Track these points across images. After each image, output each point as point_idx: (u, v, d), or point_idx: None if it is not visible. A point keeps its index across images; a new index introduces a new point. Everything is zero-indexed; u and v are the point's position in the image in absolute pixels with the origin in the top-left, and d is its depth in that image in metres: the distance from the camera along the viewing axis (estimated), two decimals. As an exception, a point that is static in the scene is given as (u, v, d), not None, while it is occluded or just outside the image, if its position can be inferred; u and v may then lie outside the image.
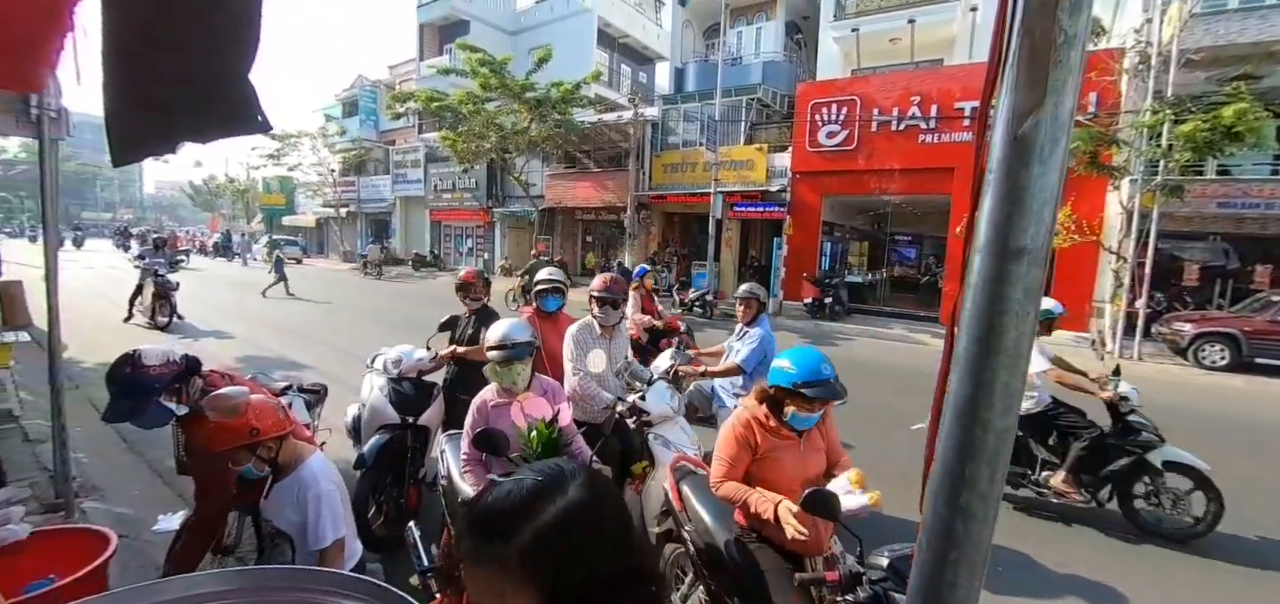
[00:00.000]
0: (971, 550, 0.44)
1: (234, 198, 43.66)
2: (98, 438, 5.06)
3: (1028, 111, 0.40)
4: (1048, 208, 0.40)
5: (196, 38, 1.36)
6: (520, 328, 2.41)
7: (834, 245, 18.06)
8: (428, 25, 26.77)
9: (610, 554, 0.69)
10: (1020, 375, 0.42)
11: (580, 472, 0.73)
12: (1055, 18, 0.37)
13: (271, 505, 1.72)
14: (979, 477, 0.43)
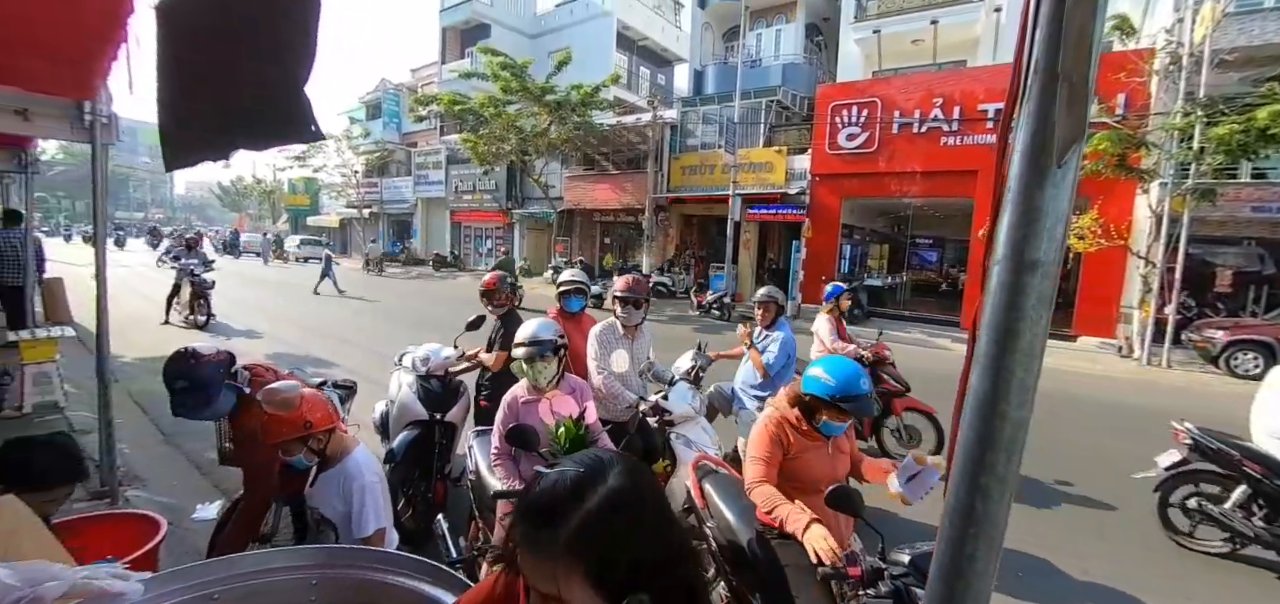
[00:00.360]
0: (990, 528, 0.49)
1: (260, 198, 44.69)
2: (137, 430, 5.27)
3: (1069, 143, 0.45)
4: (1059, 226, 0.46)
5: (255, 55, 1.45)
6: (547, 327, 2.49)
7: (853, 248, 17.94)
8: (450, 29, 27.18)
9: (651, 536, 0.75)
10: (1034, 373, 0.48)
11: (619, 461, 0.79)
12: (1088, 57, 0.43)
13: (318, 494, 1.82)
14: (997, 462, 0.48)
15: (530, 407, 2.39)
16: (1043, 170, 0.45)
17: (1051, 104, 0.44)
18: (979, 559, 0.50)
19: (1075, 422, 6.73)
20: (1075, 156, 0.44)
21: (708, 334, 10.60)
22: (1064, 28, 0.43)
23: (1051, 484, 4.82)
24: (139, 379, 6.83)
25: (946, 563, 0.51)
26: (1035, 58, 0.45)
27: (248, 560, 1.01)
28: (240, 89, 1.57)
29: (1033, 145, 0.46)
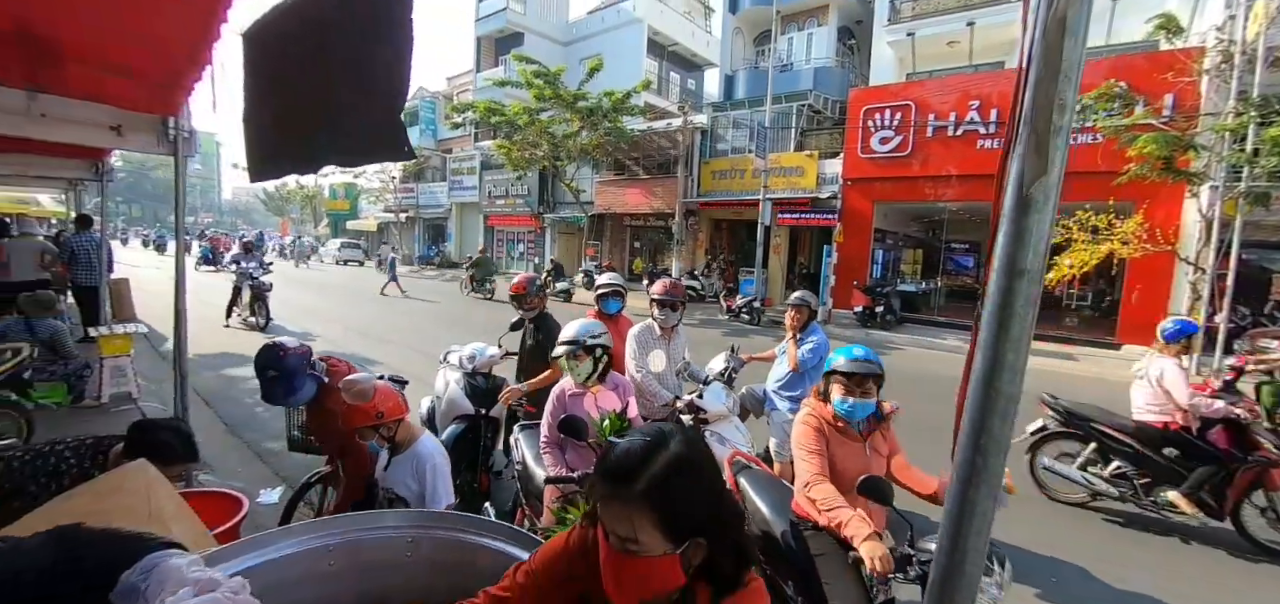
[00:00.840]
0: (988, 479, 0.63)
1: (302, 203, 46.41)
2: (202, 421, 5.64)
3: (1034, 177, 0.58)
4: (1042, 242, 0.59)
5: (353, 79, 1.64)
6: (588, 328, 2.65)
7: (886, 253, 17.72)
8: (484, 38, 27.86)
9: (706, 494, 0.94)
10: (1023, 356, 0.61)
11: (679, 433, 0.97)
12: (1050, 116, 0.56)
13: (391, 476, 2.02)
14: (993, 426, 0.62)
15: (577, 400, 2.57)
16: (1027, 200, 0.58)
17: (1027, 146, 0.57)
18: (979, 505, 0.63)
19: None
20: (1042, 189, 0.57)
21: (738, 338, 10.67)
22: (1034, 92, 0.56)
23: (1089, 492, 4.77)
24: (200, 374, 7.27)
25: (955, 509, 0.65)
26: (1021, 112, 0.59)
27: (360, 519, 1.19)
28: (333, 110, 1.76)
29: (1018, 181, 0.59)
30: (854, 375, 2.21)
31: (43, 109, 3.14)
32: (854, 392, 2.21)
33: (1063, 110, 0.56)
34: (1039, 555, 3.70)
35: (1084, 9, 0.55)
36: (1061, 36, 0.55)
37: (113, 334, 5.87)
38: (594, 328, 2.68)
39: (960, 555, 0.64)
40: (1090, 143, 11.83)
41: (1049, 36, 0.56)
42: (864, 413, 2.24)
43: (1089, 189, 11.39)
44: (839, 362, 2.27)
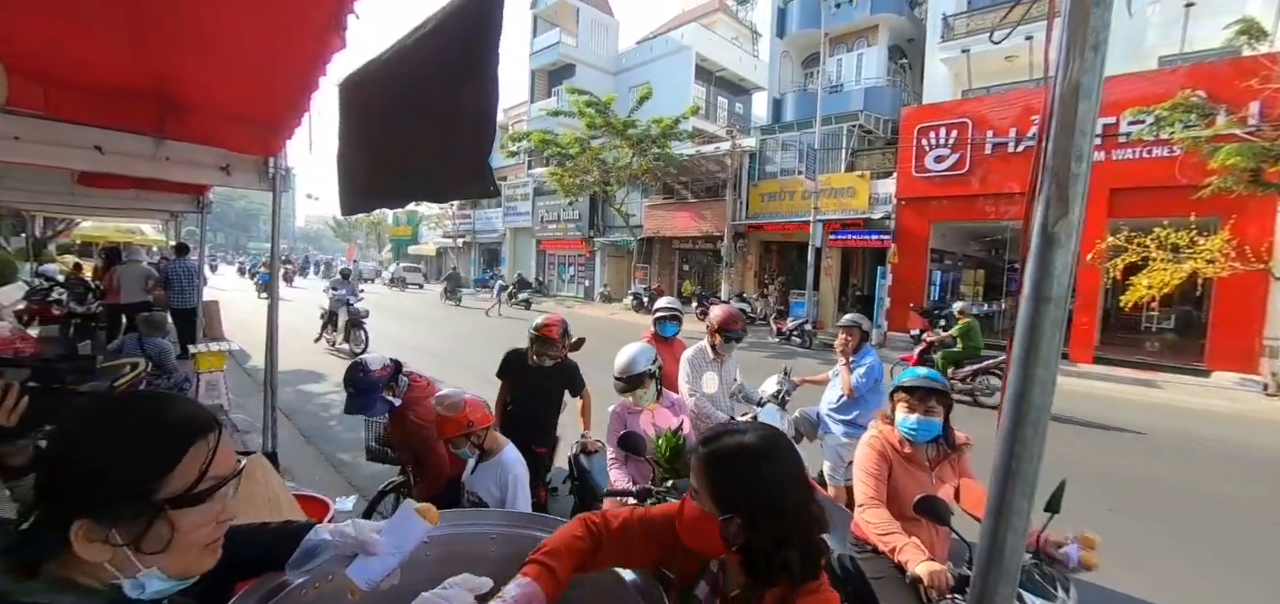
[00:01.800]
0: (1024, 481, 0.71)
1: (368, 230, 49.13)
2: (282, 432, 6.09)
3: (1057, 218, 0.68)
4: (1065, 272, 0.68)
5: (442, 126, 1.85)
6: (645, 354, 2.78)
7: (944, 274, 17.14)
8: (538, 71, 29.02)
9: (756, 480, 1.06)
10: (1052, 372, 0.69)
11: (761, 429, 1.14)
12: (1069, 166, 0.65)
13: (476, 481, 2.21)
14: (1026, 434, 0.70)
15: (635, 416, 2.70)
16: (1050, 236, 0.68)
17: (1050, 192, 0.66)
18: (1016, 501, 0.71)
19: (1207, 466, 6.13)
20: (1065, 228, 0.66)
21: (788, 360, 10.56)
22: (1053, 145, 0.66)
23: (1172, 531, 4.49)
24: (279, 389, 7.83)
25: (995, 507, 0.73)
26: (1044, 161, 0.68)
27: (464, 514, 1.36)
28: (422, 152, 1.98)
29: (1043, 219, 0.68)
30: (917, 390, 2.20)
31: (167, 153, 3.57)
32: (917, 408, 2.18)
33: (1080, 160, 0.65)
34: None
35: (1097, 75, 0.64)
36: (1076, 99, 0.64)
37: (208, 351, 6.44)
38: (649, 353, 2.81)
39: (999, 550, 0.72)
40: (1166, 156, 11.19)
41: (1065, 99, 0.65)
42: (929, 433, 2.20)
43: (1167, 204, 10.75)
44: (903, 378, 2.28)
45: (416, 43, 2.05)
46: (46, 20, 2.10)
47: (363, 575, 1.07)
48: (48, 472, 0.75)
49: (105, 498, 0.72)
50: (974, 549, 2.01)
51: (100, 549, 0.71)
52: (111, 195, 6.05)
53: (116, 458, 0.74)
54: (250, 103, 3.29)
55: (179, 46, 2.36)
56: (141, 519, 0.73)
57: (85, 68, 2.58)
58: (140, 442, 0.75)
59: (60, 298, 8.67)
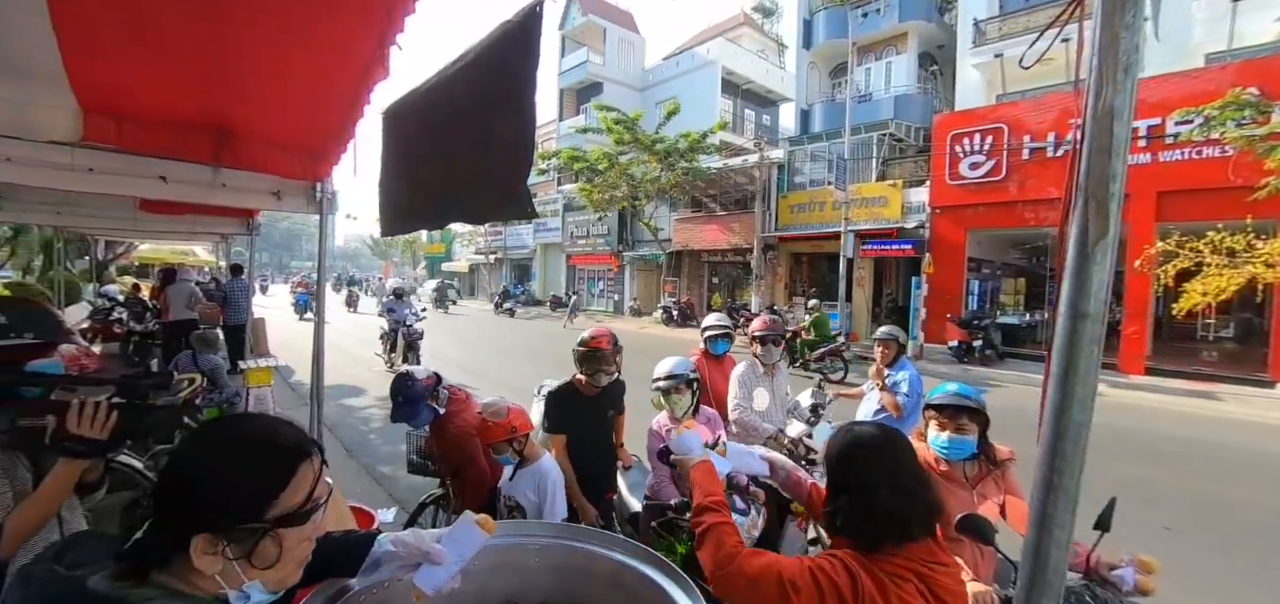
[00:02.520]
0: (1065, 496, 0.72)
1: (403, 248, 50.49)
2: (326, 446, 6.32)
3: (1097, 239, 0.69)
4: (1102, 289, 0.69)
5: (482, 150, 1.93)
6: (682, 364, 2.82)
7: (982, 283, 16.66)
8: (567, 89, 29.54)
9: (873, 477, 1.18)
10: (1091, 388, 0.70)
11: (875, 429, 1.28)
12: (1107, 186, 0.67)
13: (515, 486, 2.29)
14: (1066, 448, 0.71)
15: (670, 432, 2.73)
16: (1087, 255, 0.69)
17: (1087, 212, 0.68)
18: (1058, 515, 0.72)
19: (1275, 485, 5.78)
20: (1103, 248, 0.68)
21: (820, 374, 10.40)
22: (1089, 165, 0.67)
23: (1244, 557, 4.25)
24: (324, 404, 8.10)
25: (1037, 521, 0.74)
26: (1079, 181, 0.70)
27: (510, 526, 1.42)
28: (462, 175, 2.07)
29: (1079, 237, 0.70)
30: (946, 408, 2.15)
31: (224, 180, 3.79)
32: (947, 426, 2.13)
33: (1114, 179, 0.67)
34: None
35: (1128, 98, 0.66)
36: (1110, 121, 0.66)
37: (257, 367, 6.71)
38: (688, 363, 2.85)
39: (1042, 565, 0.73)
40: (1218, 156, 10.71)
41: (1100, 121, 0.67)
42: (963, 452, 2.13)
43: (1220, 207, 10.27)
44: (934, 397, 2.23)
45: (456, 73, 2.15)
46: (124, 69, 2.27)
47: (429, 582, 1.16)
48: (172, 488, 0.81)
49: (226, 515, 0.79)
50: (1018, 569, 1.97)
51: (213, 561, 0.78)
52: (169, 220, 6.39)
53: (238, 479, 0.81)
54: (300, 132, 3.48)
55: (238, 85, 2.53)
56: (253, 536, 0.80)
57: (153, 106, 2.77)
58: (258, 465, 0.83)
59: (121, 317, 9.17)
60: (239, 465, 0.82)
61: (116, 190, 3.59)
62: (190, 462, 0.83)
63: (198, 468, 0.81)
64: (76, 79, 2.42)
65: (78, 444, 1.36)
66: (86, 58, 2.22)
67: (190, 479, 0.80)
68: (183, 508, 0.79)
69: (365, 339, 13.89)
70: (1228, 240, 9.40)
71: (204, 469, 0.81)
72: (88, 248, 14.89)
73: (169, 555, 0.79)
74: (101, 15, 1.87)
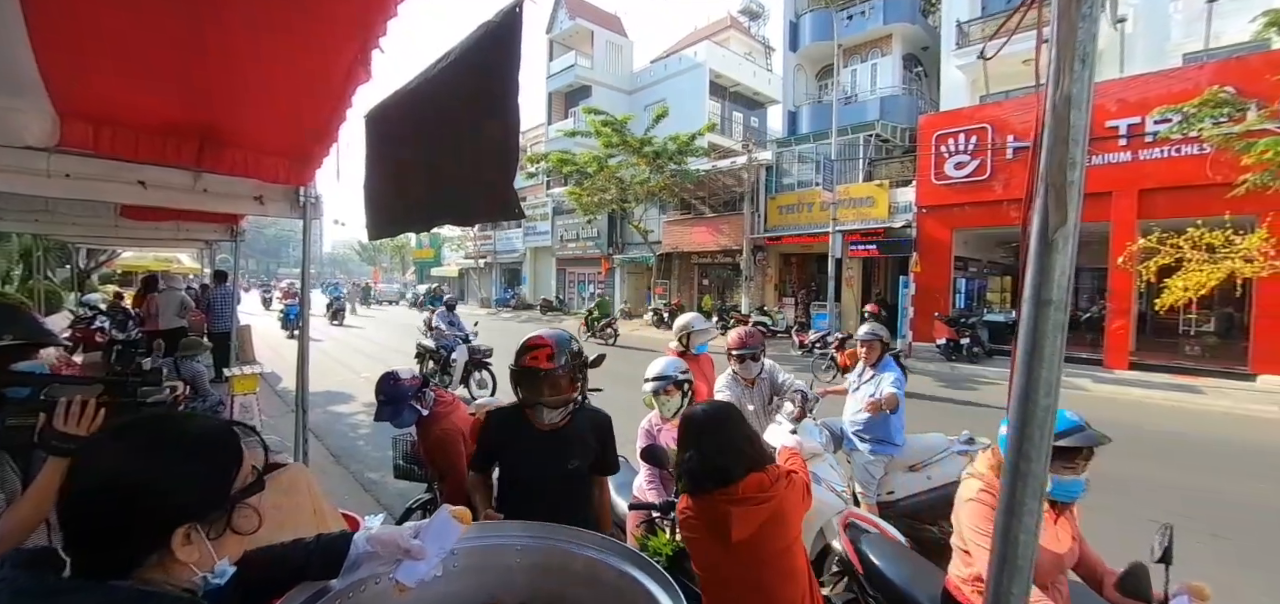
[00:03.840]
0: (1033, 481, 0.73)
1: (392, 253, 50.15)
2: (312, 453, 6.25)
3: (1057, 226, 0.70)
4: (1064, 276, 0.70)
5: (468, 151, 1.92)
6: (673, 365, 2.82)
7: (969, 282, 16.84)
8: (555, 93, 29.52)
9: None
10: (1056, 372, 0.71)
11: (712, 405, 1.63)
12: (1065, 174, 0.68)
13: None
14: (1033, 434, 0.72)
15: (659, 432, 2.74)
16: (1049, 242, 0.70)
17: (1047, 200, 0.69)
18: (1027, 502, 0.73)
19: (1259, 476, 5.87)
20: (1063, 234, 0.69)
21: (809, 373, 10.46)
22: (1048, 155, 0.69)
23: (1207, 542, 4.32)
24: (309, 411, 8.03)
25: (1005, 506, 0.75)
26: (1040, 171, 0.71)
27: (489, 526, 1.41)
28: (447, 177, 2.06)
29: (1041, 226, 0.71)
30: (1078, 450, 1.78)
31: (205, 185, 3.75)
32: (1080, 467, 1.79)
33: (1073, 167, 0.68)
34: None
35: (1086, 87, 0.67)
36: (1068, 110, 0.67)
37: (242, 374, 6.64)
38: (680, 364, 2.85)
39: (1012, 545, 0.74)
40: (1197, 154, 10.91)
41: (1058, 111, 0.68)
42: (1077, 493, 1.81)
43: (1199, 204, 10.47)
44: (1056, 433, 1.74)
45: (439, 74, 2.14)
46: (101, 72, 2.25)
47: (410, 575, 1.17)
48: (129, 496, 0.81)
49: (201, 505, 0.84)
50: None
51: (192, 550, 0.83)
52: (151, 227, 6.31)
53: (205, 471, 0.87)
54: (282, 135, 3.44)
55: (218, 89, 2.50)
56: (221, 517, 0.87)
57: (132, 110, 2.73)
58: (216, 453, 0.89)
59: (103, 325, 9.03)
60: (202, 458, 0.87)
61: (95, 196, 3.54)
62: (146, 469, 0.83)
63: (160, 472, 0.83)
64: (52, 83, 2.39)
65: (66, 442, 1.34)
66: (62, 61, 2.18)
67: (153, 484, 0.82)
68: (155, 514, 0.81)
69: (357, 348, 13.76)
70: (1207, 236, 9.57)
71: (167, 472, 0.83)
72: (69, 256, 14.67)
73: (140, 558, 0.80)
74: (78, 17, 1.85)
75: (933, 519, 3.85)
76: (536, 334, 1.98)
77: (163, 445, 0.87)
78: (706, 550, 1.73)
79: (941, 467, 3.74)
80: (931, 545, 3.55)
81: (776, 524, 1.66)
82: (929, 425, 4.82)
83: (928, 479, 3.72)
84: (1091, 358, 12.82)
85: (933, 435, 4.00)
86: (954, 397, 9.16)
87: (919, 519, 3.79)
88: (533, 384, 1.90)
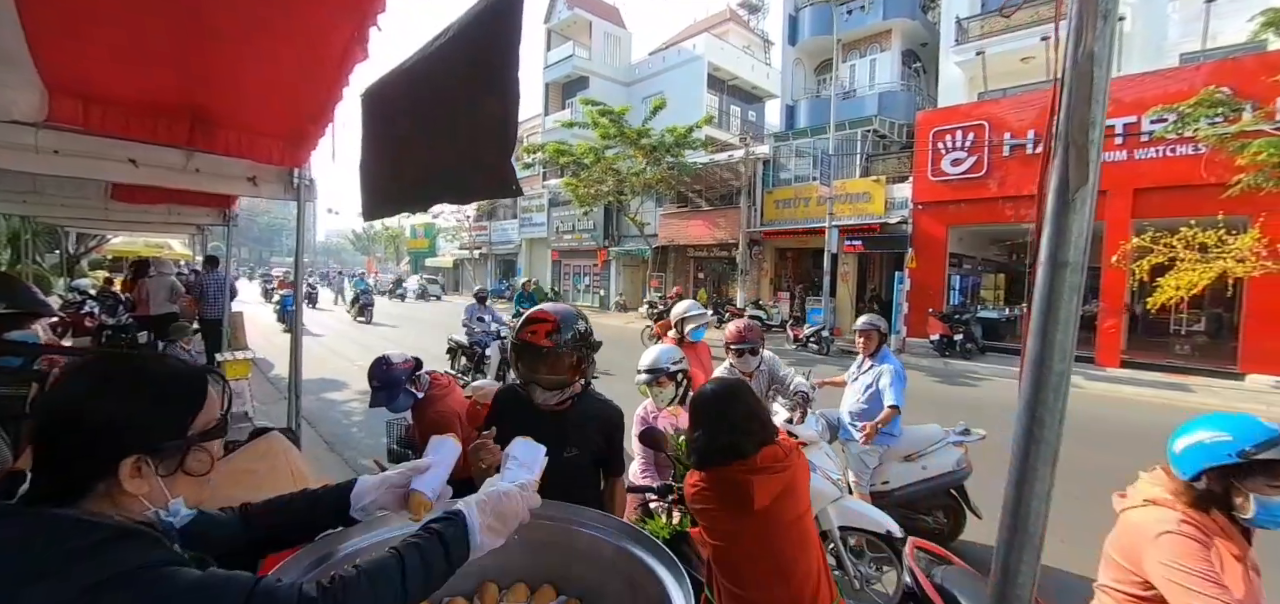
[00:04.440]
0: (1046, 448, 0.71)
1: (386, 243, 49.88)
2: (305, 438, 6.21)
3: (1077, 186, 0.69)
4: (1082, 237, 0.69)
5: (467, 129, 1.89)
6: (666, 355, 2.80)
7: (964, 278, 16.92)
8: (552, 84, 29.36)
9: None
10: (1070, 337, 0.70)
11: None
12: (1087, 133, 0.66)
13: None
14: (1047, 398, 0.71)
15: (655, 418, 2.73)
16: (1067, 202, 0.69)
17: (1068, 158, 0.67)
18: (1039, 469, 0.72)
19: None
20: (1083, 194, 0.67)
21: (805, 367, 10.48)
22: (1070, 112, 0.67)
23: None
24: (303, 397, 7.97)
25: (1018, 474, 0.74)
26: (1058, 129, 0.69)
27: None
28: (444, 156, 2.03)
29: (1059, 186, 0.69)
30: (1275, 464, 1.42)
31: (197, 165, 3.69)
32: (1272, 492, 1.41)
33: (1094, 126, 0.66)
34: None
35: (1108, 42, 0.65)
36: (1091, 66, 0.66)
37: (234, 360, 6.58)
38: (674, 354, 2.82)
39: (1024, 515, 0.73)
40: (1191, 154, 10.97)
41: (1080, 67, 0.66)
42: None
43: (1192, 204, 10.53)
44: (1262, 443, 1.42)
45: (437, 52, 2.10)
46: (91, 47, 2.21)
47: (428, 486, 1.18)
48: (78, 424, 0.80)
49: (154, 436, 0.83)
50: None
51: (142, 483, 0.81)
52: (142, 210, 6.22)
53: (162, 404, 0.85)
54: (277, 116, 3.39)
55: (212, 67, 2.46)
56: (176, 454, 0.85)
57: (123, 87, 2.68)
58: (178, 389, 0.88)
59: (92, 310, 8.93)
60: (161, 392, 0.86)
61: (84, 173, 3.47)
62: (96, 396, 0.82)
63: (115, 401, 0.82)
64: (41, 57, 2.34)
65: None
66: (52, 35, 2.14)
67: (100, 411, 0.81)
68: (103, 440, 0.80)
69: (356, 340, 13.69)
70: (1200, 236, 9.63)
71: (122, 401, 0.82)
72: (58, 241, 14.49)
73: (88, 486, 0.79)
74: (69, -8, 1.81)
75: (927, 509, 3.88)
76: (540, 307, 1.89)
77: (119, 377, 0.86)
78: (723, 523, 1.74)
79: (936, 457, 3.76)
80: (924, 536, 3.62)
81: (790, 495, 1.71)
82: (924, 421, 4.84)
83: (923, 469, 3.75)
84: (1083, 355, 12.88)
85: (929, 426, 4.01)
86: (948, 393, 9.21)
87: (913, 509, 3.82)
88: (529, 360, 1.78)
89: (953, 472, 3.72)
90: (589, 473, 1.90)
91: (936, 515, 3.90)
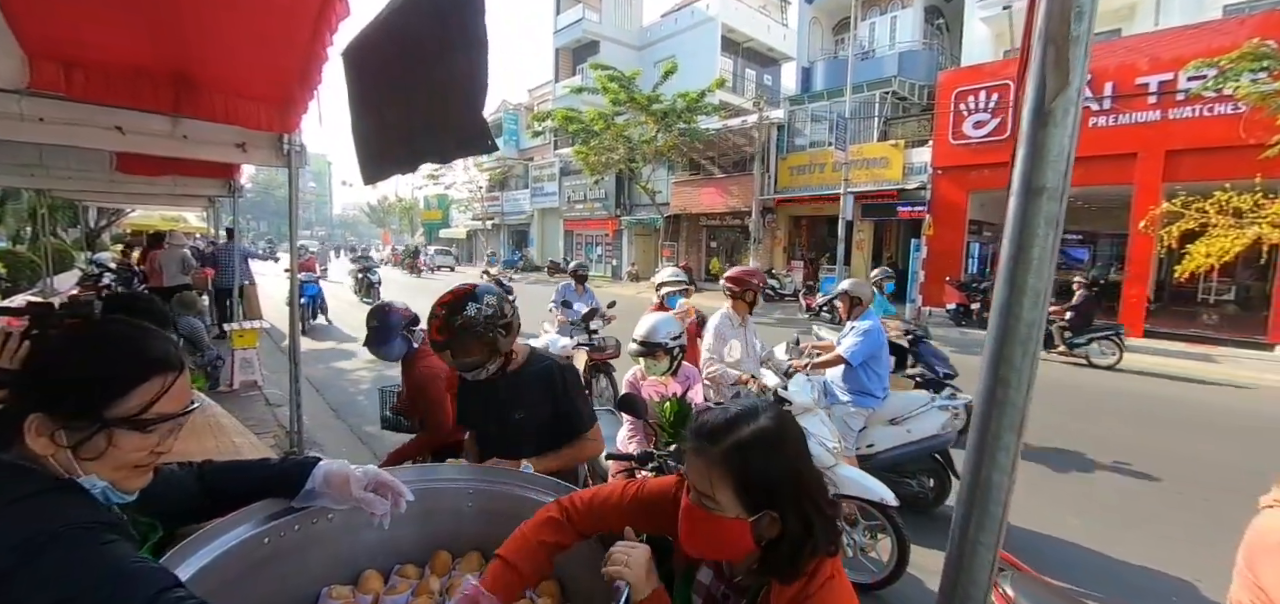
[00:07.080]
0: (1011, 411, 0.60)
1: (401, 215, 50.10)
2: (313, 406, 6.28)
3: (1055, 92, 0.56)
4: (1062, 158, 0.56)
5: (438, 86, 1.80)
6: (662, 327, 2.70)
7: (983, 246, 16.46)
8: (562, 49, 28.84)
9: (787, 468, 0.95)
10: (1045, 280, 0.58)
11: (771, 407, 1.00)
12: (1068, 26, 0.54)
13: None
14: (1014, 354, 0.59)
15: (642, 386, 2.67)
16: (1044, 116, 0.56)
17: (1045, 59, 0.55)
18: (1003, 437, 0.61)
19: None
20: (1063, 104, 0.55)
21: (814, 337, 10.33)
22: (1049, 4, 0.54)
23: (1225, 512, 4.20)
24: (311, 366, 8.07)
25: (978, 441, 0.63)
26: (1038, 27, 0.57)
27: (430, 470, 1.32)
28: (424, 113, 1.95)
29: (1036, 96, 0.57)
30: None
31: (185, 131, 3.64)
32: None
33: (1080, 17, 0.54)
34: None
35: (1096, -88, 0.52)
36: (1079, -59, 0.53)
37: (243, 329, 6.65)
38: (673, 328, 2.72)
39: (983, 489, 0.62)
40: (1229, 113, 10.41)
41: (1062, -55, 0.53)
42: None
43: (1228, 166, 10.04)
44: None
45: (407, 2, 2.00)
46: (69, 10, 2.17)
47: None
48: (24, 370, 0.82)
49: (62, 401, 0.79)
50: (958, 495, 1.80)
51: (46, 445, 0.78)
52: (148, 181, 6.23)
53: (83, 372, 0.81)
54: (262, 78, 3.31)
55: (193, 28, 2.40)
56: (87, 430, 0.80)
57: (104, 52, 2.63)
58: (108, 362, 0.83)
59: (109, 283, 9.09)
60: (90, 358, 0.83)
61: (71, 141, 3.45)
62: (49, 347, 0.84)
63: (52, 354, 0.83)
64: (18, 22, 2.29)
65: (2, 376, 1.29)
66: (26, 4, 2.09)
67: (41, 363, 0.82)
68: (26, 387, 0.80)
69: (360, 304, 13.75)
70: (1235, 200, 9.17)
71: (56, 355, 0.82)
72: (79, 216, 14.74)
73: (10, 436, 0.78)
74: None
75: (912, 473, 3.85)
76: (440, 296, 1.80)
77: (71, 336, 0.85)
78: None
79: (921, 421, 3.70)
80: (908, 500, 3.64)
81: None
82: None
83: (908, 433, 3.72)
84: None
85: (915, 391, 3.93)
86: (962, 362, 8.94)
87: (899, 472, 3.77)
88: (437, 349, 1.76)
89: (937, 435, 3.65)
90: (540, 435, 1.86)
91: (922, 479, 3.83)
